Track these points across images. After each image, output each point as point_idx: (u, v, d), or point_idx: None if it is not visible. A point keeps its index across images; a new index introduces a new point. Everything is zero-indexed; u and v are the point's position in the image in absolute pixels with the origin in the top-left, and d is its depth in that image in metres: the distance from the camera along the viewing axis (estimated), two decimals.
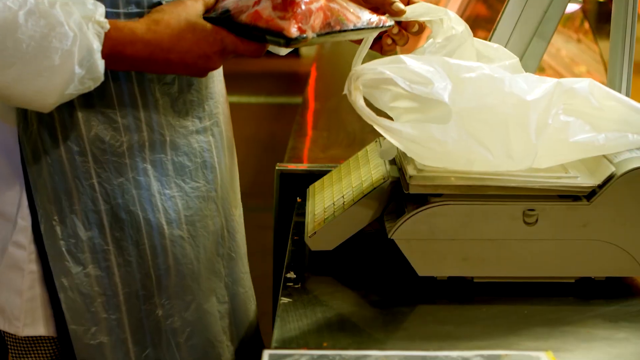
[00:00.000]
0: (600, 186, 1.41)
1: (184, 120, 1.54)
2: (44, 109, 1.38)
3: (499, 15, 2.02)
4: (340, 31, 1.42)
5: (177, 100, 1.52)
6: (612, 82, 1.74)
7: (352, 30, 1.44)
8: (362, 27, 1.44)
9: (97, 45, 1.34)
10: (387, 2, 1.51)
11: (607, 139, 1.42)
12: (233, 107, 1.80)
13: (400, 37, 1.54)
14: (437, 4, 3.14)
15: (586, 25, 3.34)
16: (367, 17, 1.46)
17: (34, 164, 1.47)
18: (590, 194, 1.42)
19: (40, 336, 1.53)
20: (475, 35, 1.56)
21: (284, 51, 1.78)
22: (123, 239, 1.51)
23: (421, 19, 1.53)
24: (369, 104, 1.42)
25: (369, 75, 1.39)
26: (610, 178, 1.41)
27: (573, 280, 1.47)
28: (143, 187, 1.51)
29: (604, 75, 2.46)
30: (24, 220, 1.50)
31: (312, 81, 3.29)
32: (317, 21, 1.38)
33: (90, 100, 1.45)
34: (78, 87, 1.34)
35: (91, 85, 1.36)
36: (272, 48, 1.78)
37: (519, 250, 1.43)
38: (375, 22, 1.47)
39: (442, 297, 1.45)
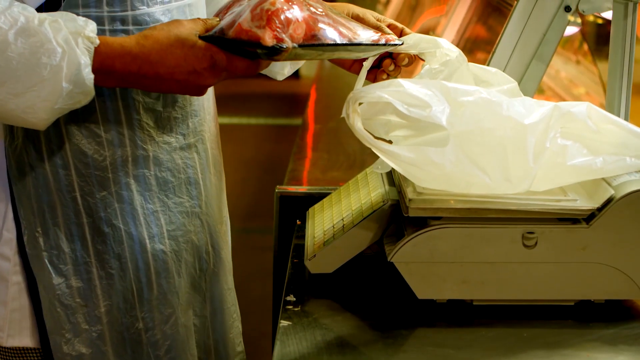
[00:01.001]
0: (600, 209, 1.41)
1: (168, 137, 1.56)
2: (39, 126, 1.40)
3: (498, 38, 2.03)
4: (332, 45, 1.42)
5: (161, 117, 1.55)
6: (611, 104, 1.74)
7: (349, 45, 1.44)
8: (362, 43, 1.45)
9: (85, 60, 1.37)
10: (380, 33, 1.54)
11: (605, 162, 1.42)
12: (233, 128, 1.81)
13: (394, 71, 1.56)
14: (438, 24, 3.15)
15: (585, 46, 3.34)
16: (368, 34, 1.47)
17: (19, 176, 1.50)
18: (589, 217, 1.42)
19: (24, 347, 1.55)
20: (474, 57, 1.57)
21: (280, 76, 1.79)
22: (105, 251, 1.53)
23: (412, 51, 1.54)
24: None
25: (367, 99, 1.40)
26: (609, 201, 1.41)
27: (572, 303, 1.47)
28: (126, 201, 1.53)
29: (602, 96, 2.46)
30: (9, 232, 1.52)
31: (311, 103, 3.29)
32: (298, 31, 1.38)
33: (75, 116, 1.47)
34: (67, 101, 1.37)
35: (82, 100, 1.39)
36: (270, 72, 1.79)
37: (518, 273, 1.43)
38: (378, 40, 1.47)
39: (442, 319, 1.45)
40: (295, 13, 1.39)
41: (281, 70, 1.79)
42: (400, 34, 1.57)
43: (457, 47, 1.55)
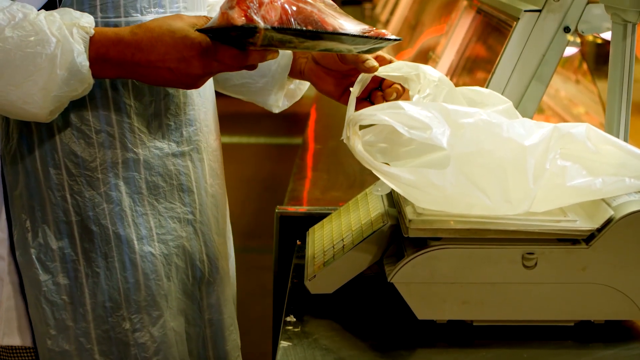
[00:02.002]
0: (599, 230, 1.41)
1: (160, 142, 1.60)
2: (40, 117, 1.45)
3: (498, 58, 2.03)
4: (312, 32, 1.41)
5: (153, 123, 1.58)
6: (611, 124, 1.75)
7: (332, 34, 1.43)
8: (346, 33, 1.44)
9: (79, 48, 1.42)
10: (359, 60, 1.56)
11: (605, 183, 1.42)
12: (233, 147, 1.82)
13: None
14: (438, 43, 3.15)
15: (585, 66, 3.34)
16: (358, 27, 1.46)
17: (12, 176, 1.54)
18: (589, 238, 1.42)
19: (17, 346, 1.58)
20: (474, 77, 1.58)
21: (276, 108, 1.82)
22: (92, 250, 1.56)
23: (394, 73, 1.55)
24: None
25: (368, 121, 1.40)
26: (609, 221, 1.41)
27: (572, 324, 1.47)
28: (114, 202, 1.56)
29: (602, 116, 2.46)
30: (2, 232, 1.57)
31: (311, 122, 3.30)
32: (272, 13, 1.38)
33: (68, 117, 1.52)
34: (64, 89, 1.42)
35: (78, 87, 1.44)
36: (265, 104, 1.82)
37: (518, 293, 1.43)
38: (369, 32, 1.46)
39: (442, 340, 1.45)
40: None
41: (276, 102, 1.82)
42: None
43: (440, 72, 1.56)
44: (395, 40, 1.48)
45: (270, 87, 1.79)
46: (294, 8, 1.41)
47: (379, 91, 1.60)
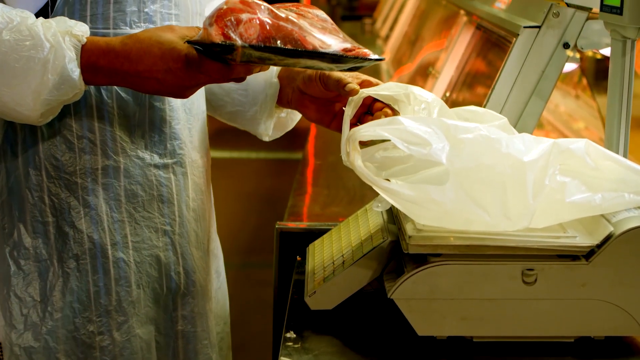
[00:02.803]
0: (599, 246, 1.41)
1: (142, 152, 1.63)
2: (33, 119, 1.50)
3: (498, 74, 2.04)
4: (290, 51, 1.44)
5: (135, 132, 1.62)
6: (610, 140, 1.75)
7: (313, 53, 1.45)
8: (329, 52, 1.46)
9: (70, 55, 1.46)
10: (340, 84, 1.59)
11: (604, 198, 1.43)
12: (233, 162, 1.83)
13: None
14: (438, 59, 3.16)
15: (584, 81, 3.35)
16: (341, 45, 1.48)
17: None
18: (589, 254, 1.42)
19: None
20: (474, 92, 1.58)
21: (266, 137, 1.86)
22: (64, 251, 1.60)
23: (383, 92, 1.55)
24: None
25: (367, 137, 1.40)
26: (608, 237, 1.41)
27: (572, 340, 1.47)
28: (91, 207, 1.60)
29: (602, 131, 2.46)
30: None
31: (311, 138, 3.30)
32: (250, 31, 1.41)
33: (51, 122, 1.56)
34: (55, 93, 1.47)
35: (69, 93, 1.48)
36: (256, 132, 1.85)
37: (518, 309, 1.43)
38: (350, 52, 1.48)
39: (442, 356, 1.45)
40: (249, 14, 1.44)
41: (266, 131, 1.86)
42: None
43: (432, 94, 1.57)
44: (377, 60, 1.51)
45: (259, 115, 1.83)
46: (274, 26, 1.44)
47: (369, 115, 1.62)
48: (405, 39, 4.80)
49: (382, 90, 1.57)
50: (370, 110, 1.62)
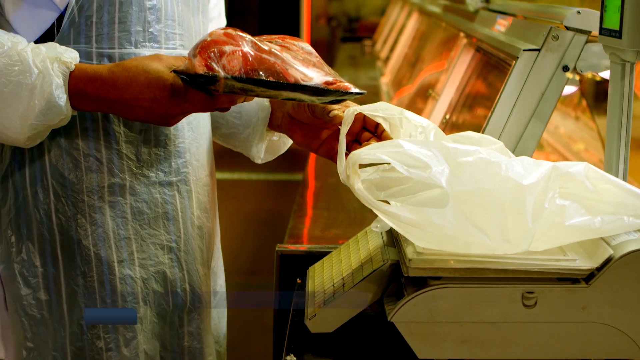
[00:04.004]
0: (599, 269, 1.41)
1: (147, 171, 1.65)
2: (20, 142, 1.52)
3: (497, 97, 2.04)
4: (273, 83, 1.47)
5: (141, 151, 1.63)
6: (610, 163, 1.75)
7: (295, 86, 1.48)
8: (310, 85, 1.48)
9: (57, 81, 1.49)
10: (325, 110, 1.62)
11: (603, 222, 1.43)
12: (234, 184, 1.84)
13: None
14: (438, 80, 3.17)
15: (584, 102, 3.36)
16: (323, 78, 1.51)
17: (2, 194, 1.61)
18: (589, 277, 1.42)
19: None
20: (474, 113, 1.59)
21: (258, 159, 1.91)
22: (72, 268, 1.62)
23: (377, 113, 1.57)
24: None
25: (367, 160, 1.41)
26: (608, 260, 1.41)
27: None
28: (97, 224, 1.62)
29: (602, 152, 2.47)
30: None
31: (311, 159, 3.30)
32: (233, 63, 1.44)
33: (58, 141, 1.59)
34: (42, 119, 1.49)
35: (55, 118, 1.50)
36: (249, 154, 1.89)
37: (518, 332, 1.43)
38: (331, 85, 1.50)
39: None
40: (232, 46, 1.47)
41: (257, 154, 1.89)
42: (376, 128, 1.63)
43: (426, 119, 1.58)
44: (358, 93, 1.53)
45: (252, 138, 1.86)
46: (257, 58, 1.47)
47: (356, 144, 1.64)
48: (405, 60, 4.81)
49: (376, 111, 1.58)
50: (357, 138, 1.65)
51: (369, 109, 1.59)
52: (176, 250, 1.70)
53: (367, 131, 1.64)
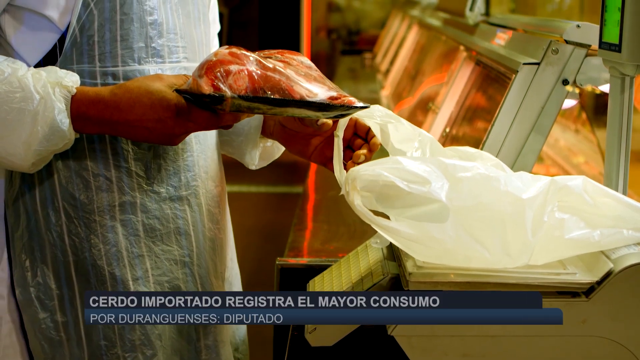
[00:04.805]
0: (599, 282, 1.41)
1: (157, 186, 1.64)
2: (24, 168, 1.52)
3: (497, 110, 2.05)
4: (278, 100, 1.47)
5: (151, 167, 1.63)
6: (609, 177, 1.76)
7: (300, 102, 1.49)
8: (315, 101, 1.49)
9: (59, 106, 1.48)
10: (314, 120, 1.61)
11: (603, 235, 1.43)
12: (234, 196, 1.84)
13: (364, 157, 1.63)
14: (438, 93, 3.17)
15: (584, 115, 3.36)
16: (327, 94, 1.51)
17: (14, 218, 1.60)
18: (589, 290, 1.42)
19: None
20: (475, 126, 1.59)
21: (252, 166, 1.91)
22: (87, 289, 1.61)
23: (370, 120, 1.57)
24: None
25: (367, 176, 1.41)
26: (608, 274, 1.41)
27: None
28: (111, 244, 1.61)
29: (601, 165, 2.47)
30: (3, 272, 1.62)
31: (312, 172, 3.31)
32: (239, 83, 1.45)
33: (67, 163, 1.58)
34: (45, 144, 1.49)
35: (59, 143, 1.50)
36: (243, 160, 1.89)
37: (518, 346, 1.43)
38: (336, 100, 1.50)
39: None
40: (238, 65, 1.47)
41: (251, 160, 1.89)
42: (367, 134, 1.64)
43: (420, 129, 1.59)
44: (362, 107, 1.53)
45: (244, 145, 1.86)
46: (262, 76, 1.47)
47: (349, 150, 1.65)
48: (405, 73, 4.82)
49: (372, 116, 1.58)
50: (350, 145, 1.65)
51: (364, 114, 1.59)
52: (190, 265, 1.69)
53: (359, 137, 1.64)
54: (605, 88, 1.97)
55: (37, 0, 1.54)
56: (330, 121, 1.61)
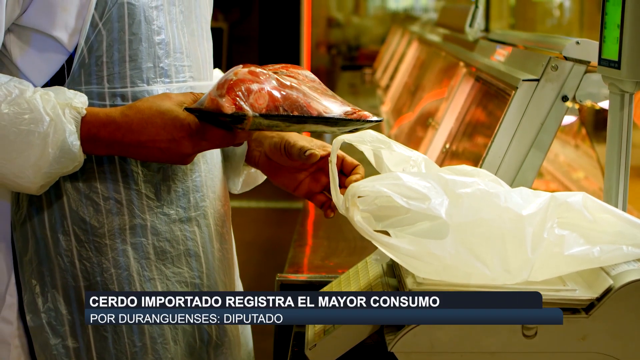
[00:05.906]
0: (599, 299, 1.41)
1: (167, 209, 1.62)
2: (32, 190, 1.49)
3: (497, 127, 2.05)
4: (297, 117, 1.47)
5: (160, 189, 1.61)
6: (609, 193, 1.76)
7: (318, 119, 1.49)
8: (333, 117, 1.49)
9: (70, 128, 1.46)
10: (302, 151, 1.63)
11: (602, 251, 1.43)
12: (233, 211, 1.84)
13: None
14: (438, 108, 3.18)
15: (583, 131, 3.36)
16: (341, 109, 1.51)
17: (22, 242, 1.57)
18: (588, 307, 1.42)
19: None
20: (475, 142, 1.59)
21: (235, 191, 1.87)
22: None
23: (362, 145, 1.57)
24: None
25: (366, 192, 1.41)
26: (608, 290, 1.41)
27: None
28: (122, 268, 1.59)
29: (601, 180, 2.47)
30: (12, 297, 1.59)
31: None
32: (260, 101, 1.44)
33: (76, 186, 1.56)
34: (55, 166, 1.46)
35: (69, 165, 1.48)
36: (233, 184, 1.85)
37: None
38: (351, 115, 1.51)
39: None
40: (258, 84, 1.46)
41: (234, 186, 1.88)
42: (342, 163, 1.66)
43: (414, 150, 1.59)
44: (377, 121, 1.53)
45: (229, 171, 1.85)
46: (281, 94, 1.47)
47: (342, 175, 1.65)
48: (405, 89, 4.83)
49: (363, 141, 1.58)
50: (342, 170, 1.66)
51: (355, 139, 1.59)
52: (200, 286, 1.68)
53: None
54: (604, 104, 1.97)
55: (45, 21, 1.51)
56: (317, 153, 1.61)
